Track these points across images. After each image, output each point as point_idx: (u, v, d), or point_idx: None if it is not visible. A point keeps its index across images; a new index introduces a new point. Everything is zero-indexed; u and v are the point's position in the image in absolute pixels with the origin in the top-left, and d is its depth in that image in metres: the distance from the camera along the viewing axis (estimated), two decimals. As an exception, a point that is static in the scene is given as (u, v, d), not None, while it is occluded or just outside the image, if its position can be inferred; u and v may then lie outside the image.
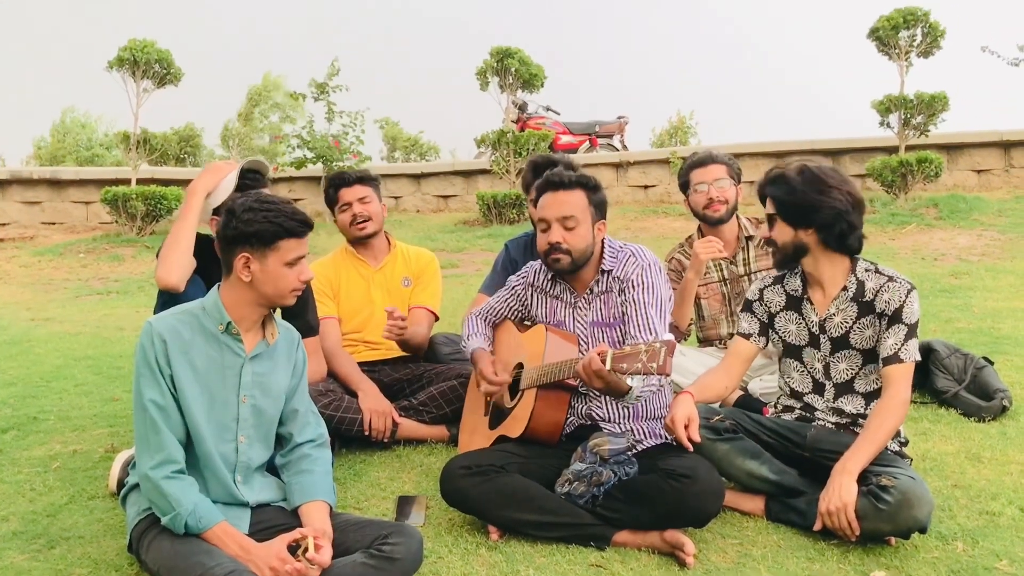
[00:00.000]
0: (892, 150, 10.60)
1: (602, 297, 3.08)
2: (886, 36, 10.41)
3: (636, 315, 2.97)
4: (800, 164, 2.96)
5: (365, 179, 3.97)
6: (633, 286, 3.00)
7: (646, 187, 12.02)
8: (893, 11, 10.39)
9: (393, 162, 19.70)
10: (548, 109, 13.79)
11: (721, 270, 3.93)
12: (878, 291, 2.88)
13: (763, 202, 3.02)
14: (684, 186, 3.98)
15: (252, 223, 2.44)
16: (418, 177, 12.52)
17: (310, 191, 11.88)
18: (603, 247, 3.10)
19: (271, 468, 2.70)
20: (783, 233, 2.93)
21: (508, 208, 10.62)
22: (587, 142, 13.76)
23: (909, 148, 10.35)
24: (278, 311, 2.76)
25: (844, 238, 2.87)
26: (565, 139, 13.55)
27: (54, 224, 11.66)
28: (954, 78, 13.51)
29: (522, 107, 13.16)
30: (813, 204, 2.85)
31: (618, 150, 13.49)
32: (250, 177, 3.22)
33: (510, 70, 11.57)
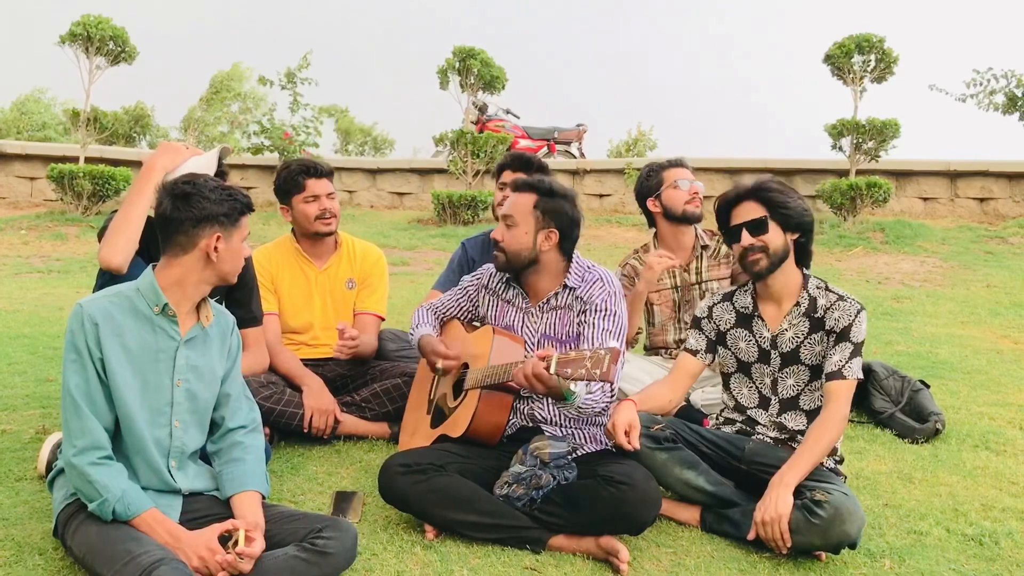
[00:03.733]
0: (843, 173, 10.79)
1: (558, 312, 3.07)
2: (839, 62, 10.60)
3: (593, 338, 2.95)
4: (769, 177, 3.06)
5: (330, 173, 3.85)
6: (596, 310, 2.99)
7: (601, 196, 12.08)
8: (846, 37, 10.58)
9: (348, 155, 19.51)
10: (508, 112, 13.80)
11: (674, 277, 3.96)
12: (828, 308, 2.93)
13: (726, 213, 3.03)
14: (654, 187, 3.96)
15: (222, 202, 2.45)
16: (374, 172, 12.44)
17: (263, 179, 11.74)
18: (569, 262, 3.09)
19: (203, 456, 2.66)
20: (777, 236, 2.95)
21: (463, 209, 10.60)
22: (545, 147, 13.79)
23: (859, 172, 10.55)
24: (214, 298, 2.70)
25: (810, 248, 3.02)
26: (524, 143, 13.55)
27: (-4, 199, 11.37)
28: (905, 106, 13.87)
29: (482, 108, 13.15)
30: (804, 209, 2.96)
31: (576, 157, 13.54)
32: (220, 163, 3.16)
33: (472, 70, 11.55)
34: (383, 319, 3.98)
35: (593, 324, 2.98)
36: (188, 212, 2.43)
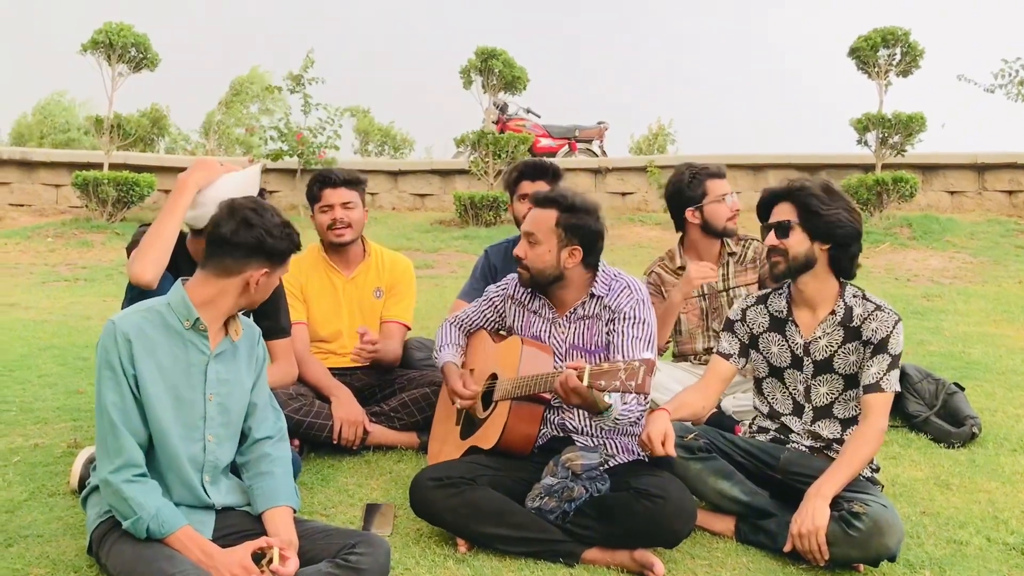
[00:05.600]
0: (868, 168, 10.67)
1: (586, 321, 3.04)
2: (865, 55, 10.49)
3: (623, 347, 2.93)
4: (822, 180, 2.97)
5: (352, 182, 3.79)
6: (624, 318, 2.97)
7: (624, 194, 12.03)
8: (871, 30, 10.47)
9: (367, 156, 19.48)
10: (529, 111, 13.75)
11: (701, 285, 3.90)
12: (866, 318, 2.88)
13: (767, 209, 2.99)
14: (697, 197, 3.83)
15: (282, 241, 2.46)
16: (395, 174, 12.45)
17: (284, 183, 11.76)
18: (595, 272, 3.06)
19: (233, 468, 2.65)
20: (800, 243, 2.88)
21: (485, 210, 10.58)
22: (566, 146, 13.74)
23: (885, 167, 10.44)
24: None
25: (852, 260, 2.91)
26: (545, 142, 13.51)
27: (23, 206, 11.46)
28: (931, 99, 13.68)
29: (503, 108, 13.12)
30: (840, 221, 2.85)
31: (597, 156, 13.48)
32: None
33: (494, 71, 11.53)
34: (409, 328, 3.97)
35: (622, 332, 2.96)
36: (247, 239, 2.42)
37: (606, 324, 3.00)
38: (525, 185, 3.88)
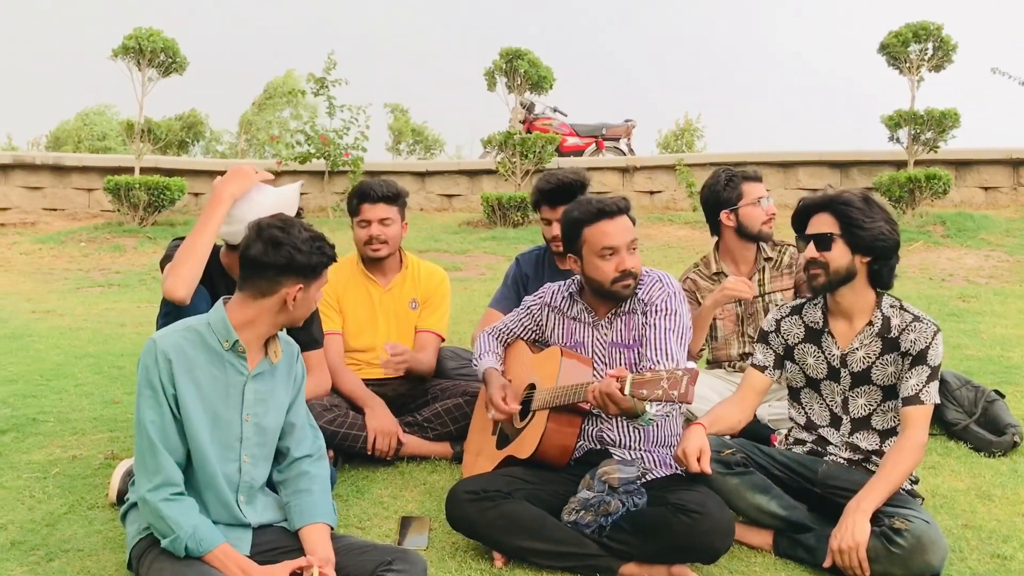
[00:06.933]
0: (901, 165, 10.55)
1: (623, 318, 3.05)
2: (895, 51, 10.35)
3: (655, 340, 2.94)
4: (860, 190, 2.93)
5: (391, 198, 3.77)
6: (656, 311, 2.98)
7: (652, 193, 11.96)
8: (903, 26, 10.32)
9: (398, 155, 19.52)
10: (555, 110, 13.73)
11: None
12: (903, 329, 2.84)
13: (804, 219, 2.94)
14: (733, 199, 3.78)
15: (311, 254, 2.43)
16: (423, 175, 12.46)
17: (313, 186, 11.80)
18: None
19: (270, 484, 2.66)
20: (842, 256, 2.84)
21: (513, 210, 10.56)
22: (593, 144, 13.70)
23: (917, 163, 10.31)
24: None
25: (891, 272, 2.88)
26: (571, 141, 13.49)
27: (56, 210, 11.58)
28: (965, 93, 13.46)
29: (529, 107, 13.10)
30: (882, 234, 2.81)
31: (624, 154, 13.42)
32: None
33: (519, 71, 11.49)
34: (443, 339, 3.97)
35: (655, 325, 2.96)
36: (276, 259, 2.40)
37: (641, 317, 3.01)
38: (546, 210, 3.83)
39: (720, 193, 3.83)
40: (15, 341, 5.71)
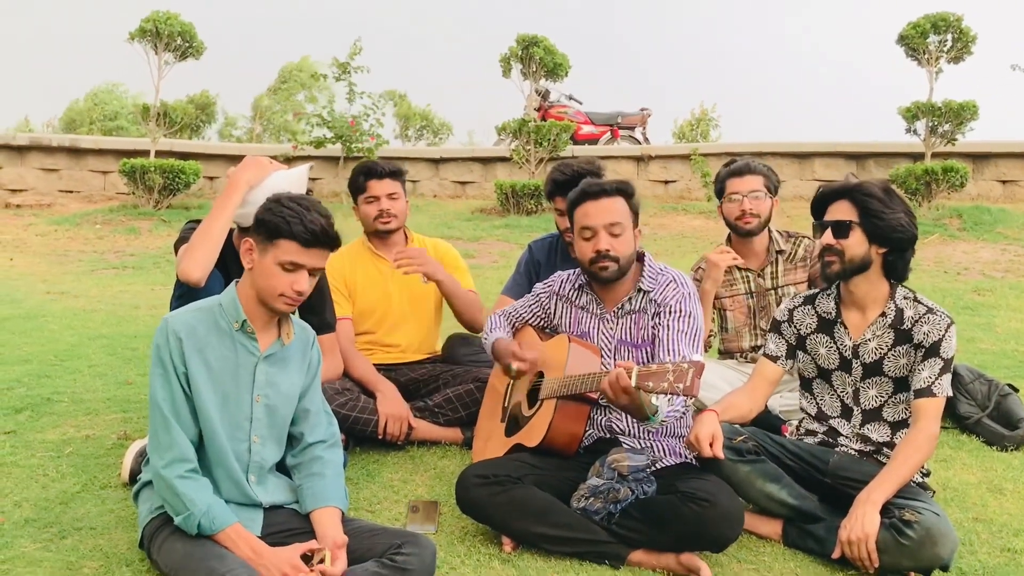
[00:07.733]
0: (918, 157, 10.48)
1: (633, 316, 3.02)
2: (914, 42, 10.26)
3: (667, 341, 2.91)
4: (880, 181, 2.92)
5: (396, 173, 3.89)
6: (670, 312, 2.95)
7: (667, 182, 11.92)
8: (922, 17, 10.23)
9: (408, 141, 19.48)
10: (571, 98, 13.69)
11: (748, 282, 3.86)
12: (917, 321, 2.82)
13: (823, 206, 2.93)
14: (719, 192, 3.89)
15: (266, 212, 2.44)
16: (436, 162, 12.45)
17: (328, 171, 11.83)
18: (643, 264, 3.05)
19: (282, 467, 2.68)
20: (859, 245, 2.83)
21: (526, 198, 10.54)
22: (608, 133, 13.66)
23: (935, 156, 10.23)
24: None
25: (907, 264, 2.87)
26: (587, 129, 13.45)
27: (71, 192, 11.65)
28: (984, 86, 13.34)
29: (544, 95, 13.07)
30: (900, 224, 2.80)
31: (640, 143, 13.37)
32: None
33: (534, 58, 11.46)
34: (476, 293, 3.97)
35: (667, 326, 2.93)
36: (259, 224, 2.45)
37: (652, 318, 2.98)
38: (560, 201, 3.82)
39: (716, 186, 3.95)
40: (30, 322, 5.75)
